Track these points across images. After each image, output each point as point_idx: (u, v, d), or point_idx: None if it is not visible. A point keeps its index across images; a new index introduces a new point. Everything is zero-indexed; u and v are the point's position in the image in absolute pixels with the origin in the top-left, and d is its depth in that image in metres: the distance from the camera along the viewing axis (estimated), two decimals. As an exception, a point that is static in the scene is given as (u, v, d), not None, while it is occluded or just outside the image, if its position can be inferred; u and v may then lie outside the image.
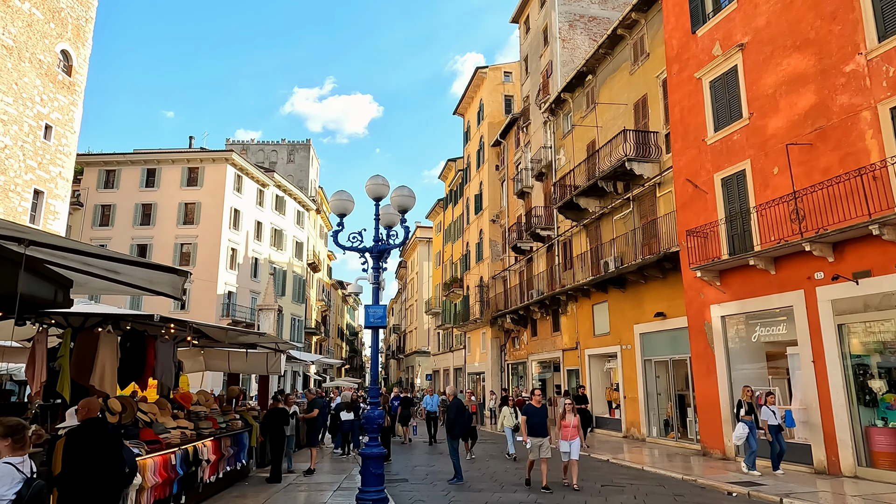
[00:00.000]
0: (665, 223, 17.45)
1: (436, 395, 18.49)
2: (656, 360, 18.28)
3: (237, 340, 8.90)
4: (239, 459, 10.15)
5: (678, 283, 16.85)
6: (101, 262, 4.43)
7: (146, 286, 5.25)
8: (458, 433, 11.53)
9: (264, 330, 29.34)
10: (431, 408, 17.97)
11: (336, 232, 7.98)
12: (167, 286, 4.95)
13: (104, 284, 5.42)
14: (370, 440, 7.52)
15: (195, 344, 10.91)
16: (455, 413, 11.59)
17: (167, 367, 8.45)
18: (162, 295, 5.53)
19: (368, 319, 7.68)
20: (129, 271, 4.66)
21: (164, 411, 8.09)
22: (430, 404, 18.08)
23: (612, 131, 20.80)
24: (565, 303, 24.29)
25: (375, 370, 7.66)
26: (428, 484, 10.84)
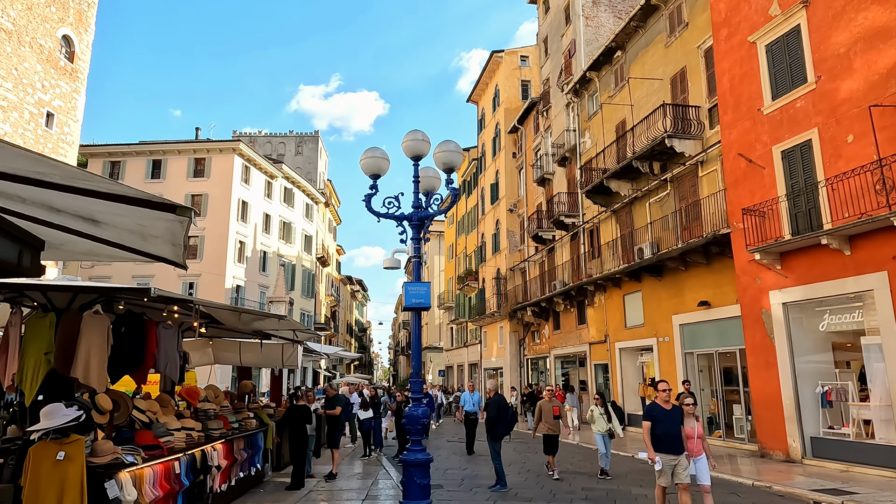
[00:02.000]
0: (709, 204, 16.07)
1: (476, 392, 14.81)
2: (699, 352, 16.92)
3: (251, 327, 7.69)
4: (253, 464, 8.92)
5: (725, 268, 15.50)
6: (73, 204, 3.18)
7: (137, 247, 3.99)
8: (500, 433, 10.19)
9: (274, 324, 28.09)
10: (471, 407, 14.39)
11: (369, 196, 6.70)
12: (164, 243, 3.69)
13: (85, 246, 4.16)
14: (413, 444, 6.25)
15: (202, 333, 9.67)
16: (496, 411, 10.29)
17: (171, 357, 7.21)
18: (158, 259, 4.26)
19: (409, 299, 6.40)
20: (114, 219, 3.39)
21: (167, 409, 6.85)
22: (470, 403, 14.50)
23: (645, 109, 19.41)
24: (593, 293, 22.95)
25: (418, 359, 6.39)
26: (466, 490, 9.57)
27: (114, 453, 4.93)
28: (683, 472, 6.65)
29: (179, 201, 21.22)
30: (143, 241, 3.77)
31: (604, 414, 11.09)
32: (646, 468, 10.14)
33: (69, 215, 3.47)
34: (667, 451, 6.62)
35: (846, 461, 11.19)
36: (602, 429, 11.02)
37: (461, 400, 14.61)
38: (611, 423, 10.95)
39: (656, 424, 6.70)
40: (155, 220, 3.28)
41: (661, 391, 6.94)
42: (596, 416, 11.11)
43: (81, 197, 3.01)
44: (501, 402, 10.40)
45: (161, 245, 3.80)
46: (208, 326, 9.16)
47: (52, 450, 4.55)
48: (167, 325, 7.25)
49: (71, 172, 2.69)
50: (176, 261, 4.08)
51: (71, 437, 4.65)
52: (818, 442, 11.96)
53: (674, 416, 6.76)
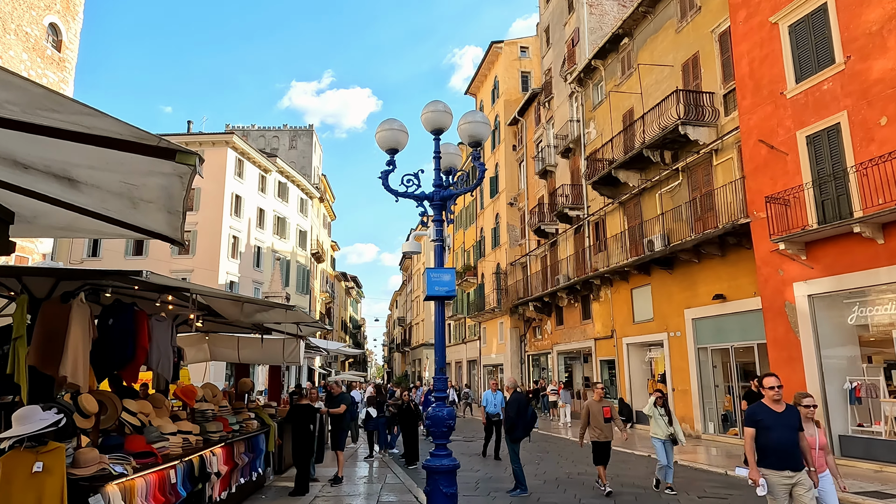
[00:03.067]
0: (724, 194, 15.49)
1: (499, 392, 12.62)
2: (713, 347, 16.36)
3: (253, 320, 7.01)
4: (255, 468, 8.23)
5: (742, 260, 14.93)
6: (43, 155, 2.49)
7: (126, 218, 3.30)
8: (520, 435, 9.43)
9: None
10: (493, 409, 12.67)
11: (386, 173, 6.02)
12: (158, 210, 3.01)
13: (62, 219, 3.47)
14: (438, 448, 5.59)
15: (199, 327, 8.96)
16: (516, 411, 9.46)
17: (164, 353, 6.50)
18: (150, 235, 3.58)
19: (432, 288, 5.73)
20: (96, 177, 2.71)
21: (161, 411, 6.15)
22: (492, 404, 12.71)
23: (655, 97, 18.81)
24: (598, 287, 22.36)
25: (442, 354, 5.72)
26: (484, 496, 8.93)
27: (100, 463, 4.24)
28: (806, 493, 4.87)
29: None
30: (132, 209, 3.08)
31: (664, 415, 9.03)
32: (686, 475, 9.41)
33: (39, 173, 2.77)
34: (779, 466, 4.95)
35: (879, 461, 10.65)
36: (661, 433, 8.94)
37: (483, 400, 12.88)
38: (672, 427, 8.96)
39: (763, 432, 5.02)
40: (148, 176, 2.59)
41: (768, 388, 5.18)
42: (655, 417, 9.07)
43: (52, 142, 2.32)
44: (521, 400, 9.69)
45: (154, 214, 3.11)
46: (205, 320, 8.47)
47: (27, 460, 3.86)
48: (160, 317, 6.54)
49: (34, 97, 1.99)
50: (172, 236, 3.41)
51: (49, 446, 3.96)
52: (847, 440, 11.41)
53: (788, 421, 5.03)
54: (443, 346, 5.82)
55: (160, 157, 2.30)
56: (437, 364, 5.74)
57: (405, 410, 12.84)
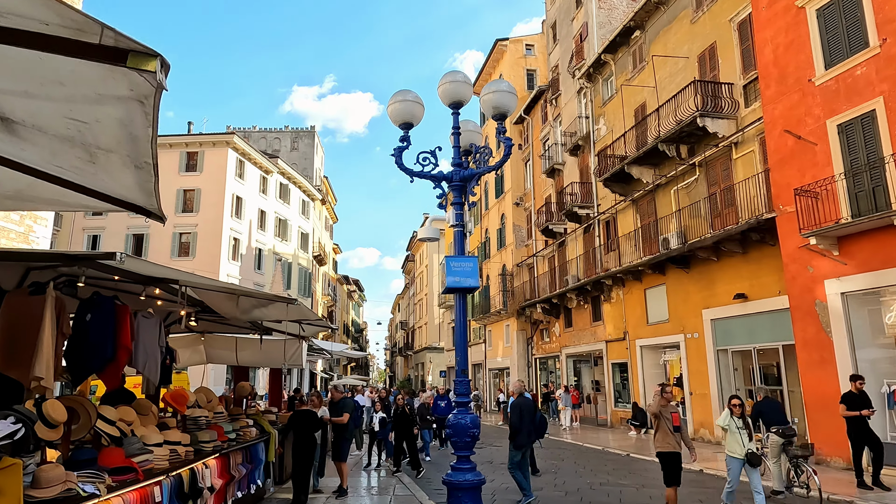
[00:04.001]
0: (745, 189, 14.81)
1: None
2: (734, 349, 15.64)
3: (251, 317, 6.32)
4: (253, 480, 7.54)
5: (765, 257, 14.25)
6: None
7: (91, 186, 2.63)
8: (522, 441, 8.77)
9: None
10: None
11: (400, 150, 5.36)
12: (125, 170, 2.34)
13: (6, 186, 2.79)
14: (460, 461, 4.91)
15: (192, 326, 8.29)
16: (518, 416, 8.86)
17: (151, 354, 5.83)
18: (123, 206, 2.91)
19: (452, 278, 5.06)
20: (35, 111, 2.05)
21: (147, 418, 5.47)
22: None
23: (669, 90, 18.14)
24: (610, 288, 21.66)
25: (463, 353, 5.05)
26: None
27: (65, 482, 3.57)
28: None
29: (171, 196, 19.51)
30: (91, 165, 2.42)
31: (743, 428, 7.21)
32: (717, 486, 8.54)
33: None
34: None
35: None
36: (740, 450, 7.13)
37: (509, 407, 10.97)
38: (748, 444, 7.14)
39: None
40: (98, 106, 1.93)
41: None
42: (731, 431, 7.26)
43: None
44: (525, 405, 9.01)
45: (119, 172, 2.44)
46: (199, 318, 7.80)
47: (-25, 480, 3.19)
48: (147, 313, 5.87)
49: None
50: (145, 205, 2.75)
51: (3, 462, 3.29)
52: (887, 448, 10.67)
53: None
54: (465, 345, 5.14)
55: (108, 60, 1.63)
56: (459, 365, 5.06)
57: (400, 416, 12.11)
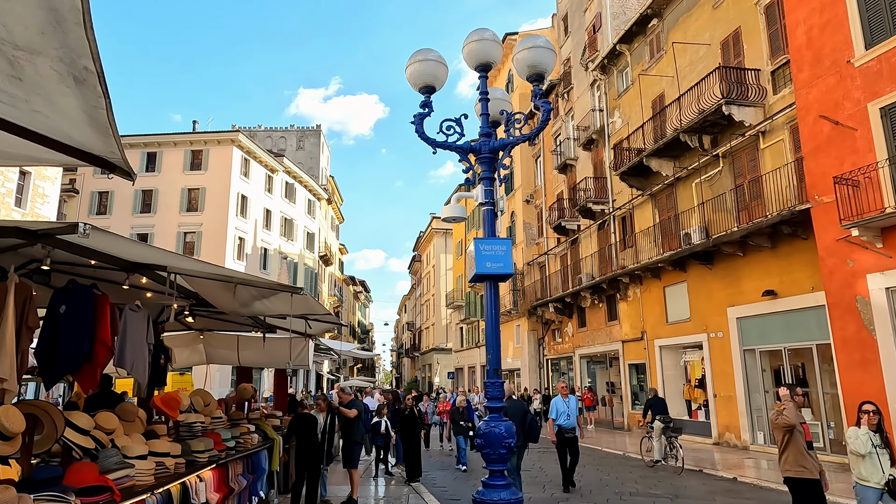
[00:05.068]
0: (774, 180, 14.03)
1: (573, 398, 9.81)
2: (762, 349, 14.85)
3: (252, 311, 5.63)
4: (255, 492, 6.85)
5: (796, 251, 13.48)
6: None
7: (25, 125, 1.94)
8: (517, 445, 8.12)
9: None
10: (567, 421, 9.55)
11: (421, 116, 4.67)
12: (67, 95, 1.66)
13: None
14: (493, 476, 4.19)
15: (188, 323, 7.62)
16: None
17: (139, 352, 5.15)
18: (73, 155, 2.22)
19: (482, 264, 4.36)
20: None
21: (132, 425, 4.79)
22: (564, 415, 9.56)
23: (689, 80, 17.38)
24: (626, 286, 20.88)
25: (496, 350, 4.34)
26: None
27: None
28: None
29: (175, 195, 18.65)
30: (15, 80, 1.72)
31: (883, 448, 5.39)
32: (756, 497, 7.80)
33: None
34: None
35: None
36: (877, 476, 5.29)
37: (551, 410, 9.67)
38: (890, 471, 5.29)
39: None
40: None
41: None
42: (868, 451, 5.36)
43: None
44: (514, 408, 8.27)
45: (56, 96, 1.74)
46: (196, 313, 7.12)
47: None
48: (135, 306, 5.19)
49: None
50: (103, 153, 2.09)
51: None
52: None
53: None
54: (497, 341, 4.43)
55: None
56: (491, 364, 4.35)
57: (407, 418, 11.37)
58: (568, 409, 9.59)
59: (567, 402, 9.68)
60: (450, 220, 4.83)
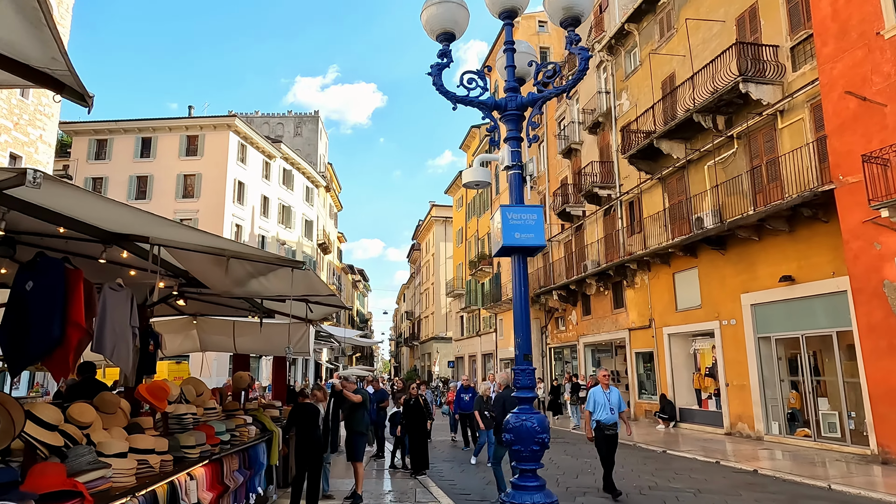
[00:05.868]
0: (792, 161, 13.46)
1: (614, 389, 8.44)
2: (777, 337, 14.36)
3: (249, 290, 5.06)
4: (253, 489, 6.33)
5: (816, 235, 12.95)
6: None
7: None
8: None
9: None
10: (608, 415, 8.14)
11: (439, 68, 4.11)
12: None
13: None
14: (524, 476, 3.67)
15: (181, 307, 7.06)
16: (502, 410, 7.58)
17: (121, 336, 4.60)
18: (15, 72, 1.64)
19: (509, 235, 3.81)
20: None
21: (112, 418, 4.26)
22: (605, 409, 8.15)
23: (702, 58, 16.75)
24: (634, 273, 20.37)
25: (526, 332, 3.79)
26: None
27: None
28: None
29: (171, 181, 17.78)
30: None
31: None
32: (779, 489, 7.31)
33: None
34: None
35: None
36: None
37: (588, 401, 8.35)
38: None
39: None
40: None
41: None
42: None
43: None
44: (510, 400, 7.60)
45: None
46: (187, 294, 6.57)
47: None
48: (115, 285, 4.62)
49: None
50: (42, 62, 1.47)
51: None
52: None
53: None
54: (527, 322, 3.88)
55: None
56: (521, 348, 3.81)
57: (412, 407, 10.84)
58: (609, 402, 8.17)
59: (608, 395, 8.24)
60: (471, 186, 4.26)
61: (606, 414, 8.15)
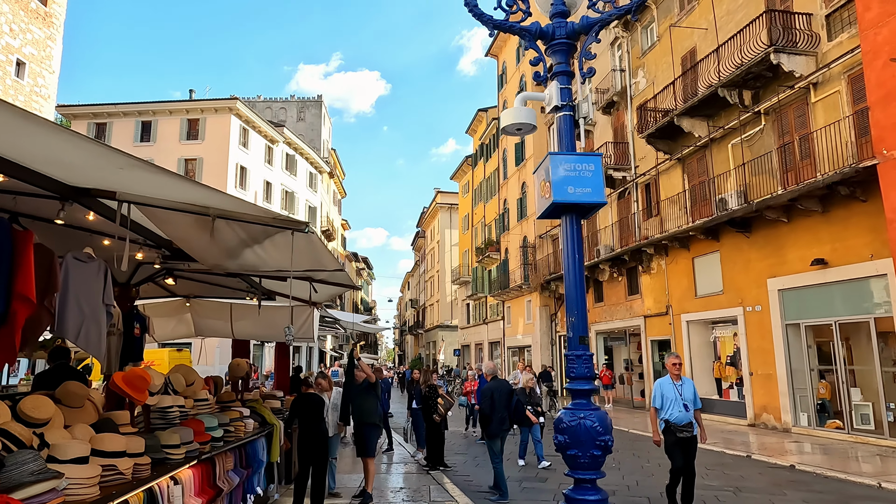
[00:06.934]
0: (827, 137, 12.61)
1: (688, 380, 6.46)
2: (808, 323, 13.59)
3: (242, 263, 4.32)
4: (251, 489, 5.65)
5: (852, 215, 12.16)
6: None
7: None
8: (494, 431, 7.60)
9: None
10: (681, 415, 6.15)
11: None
12: None
13: None
14: (580, 487, 2.94)
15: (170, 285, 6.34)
16: (490, 401, 7.65)
17: (90, 315, 3.88)
18: None
19: (561, 189, 3.09)
20: None
21: (77, 413, 3.55)
22: (677, 406, 6.19)
23: (726, 31, 15.84)
24: (650, 257, 19.59)
25: (582, 310, 3.06)
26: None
27: None
28: None
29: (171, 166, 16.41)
30: None
31: None
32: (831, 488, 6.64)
33: None
34: None
35: None
36: None
37: (654, 396, 6.36)
38: None
39: None
40: None
41: None
42: None
43: None
44: (498, 389, 7.68)
45: None
46: (176, 272, 5.84)
47: None
48: (83, 255, 3.89)
49: None
50: None
51: None
52: None
53: None
54: (582, 297, 3.16)
55: None
56: (576, 330, 3.09)
57: (426, 399, 10.12)
58: (681, 397, 6.19)
59: (679, 387, 6.26)
60: (509, 132, 3.50)
61: (679, 411, 6.17)
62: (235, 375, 6.90)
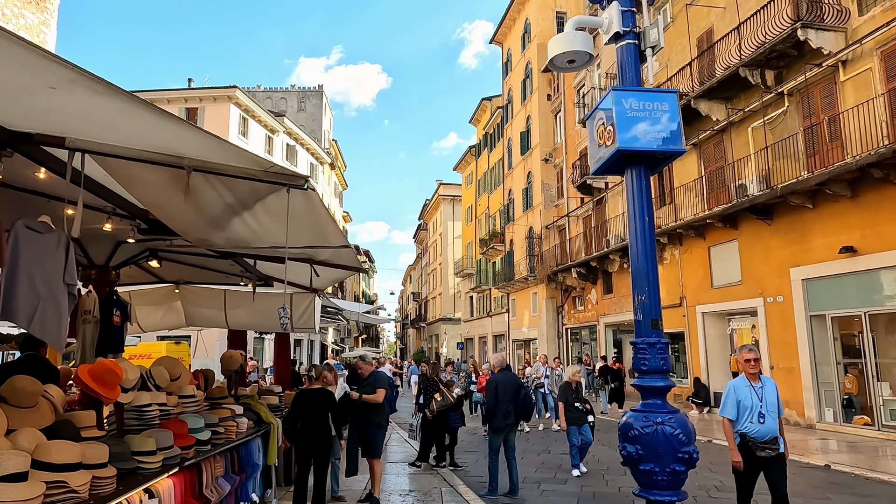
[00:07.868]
0: (858, 117, 11.91)
1: (769, 380, 4.94)
2: (834, 314, 12.94)
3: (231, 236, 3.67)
4: (245, 496, 5.02)
5: (884, 200, 11.53)
6: None
7: None
8: (499, 425, 7.17)
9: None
10: (759, 428, 4.68)
11: None
12: None
13: None
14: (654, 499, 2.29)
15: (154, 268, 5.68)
16: (494, 394, 7.21)
17: (49, 297, 3.24)
18: None
19: (626, 131, 2.42)
20: None
21: (27, 415, 2.91)
22: (755, 414, 4.69)
23: (746, 9, 15.11)
24: (663, 247, 18.90)
25: (654, 287, 2.45)
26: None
27: None
28: None
29: None
30: None
31: None
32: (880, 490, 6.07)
33: None
34: None
35: None
36: None
37: (725, 402, 4.92)
38: None
39: None
40: None
41: None
42: None
43: None
44: (504, 381, 7.25)
45: None
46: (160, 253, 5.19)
47: None
48: (36, 223, 3.24)
49: None
50: None
51: None
52: None
53: None
54: (654, 271, 2.51)
55: None
56: (647, 312, 2.44)
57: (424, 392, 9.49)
58: (761, 403, 4.72)
59: (759, 390, 4.79)
60: (559, 64, 2.85)
61: (757, 423, 4.71)
62: (228, 369, 6.25)
